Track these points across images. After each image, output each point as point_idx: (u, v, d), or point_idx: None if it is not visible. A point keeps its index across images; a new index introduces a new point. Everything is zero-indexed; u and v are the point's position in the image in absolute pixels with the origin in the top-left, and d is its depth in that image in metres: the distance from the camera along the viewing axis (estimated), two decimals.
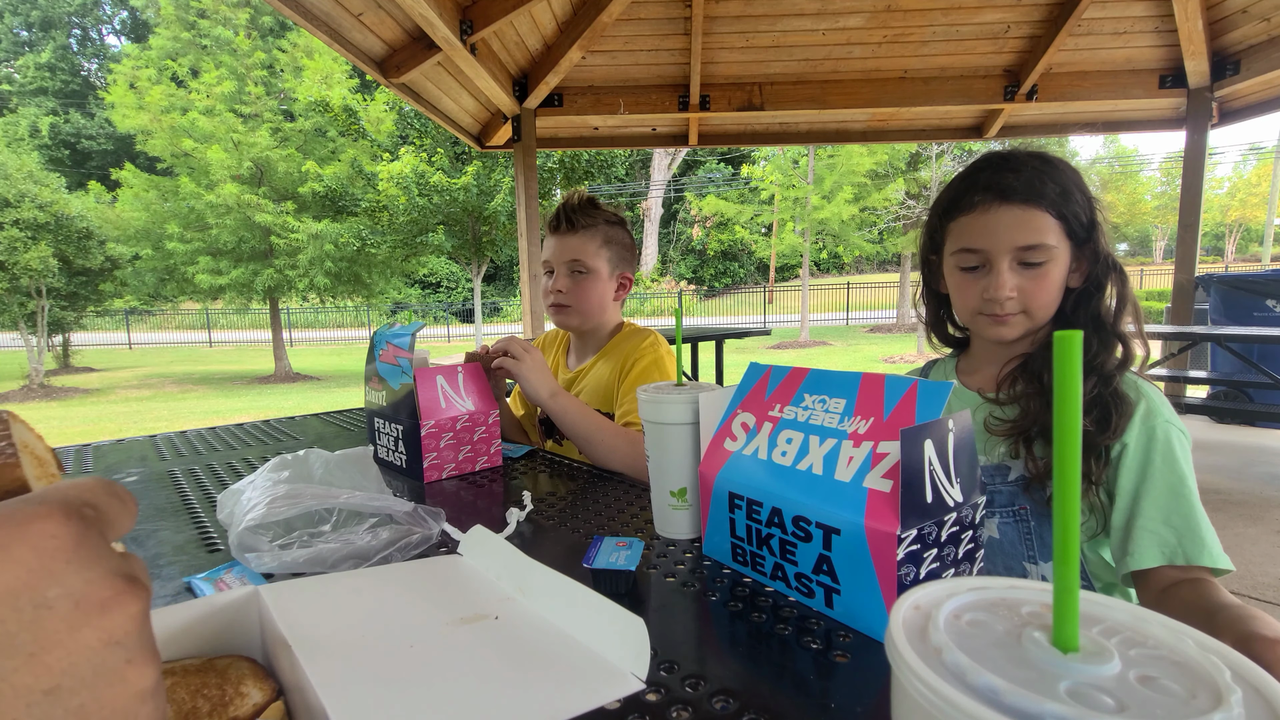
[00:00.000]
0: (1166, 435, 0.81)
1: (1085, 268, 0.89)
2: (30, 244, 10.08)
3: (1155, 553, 0.77)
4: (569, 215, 1.31)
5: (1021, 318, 0.89)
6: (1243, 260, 26.47)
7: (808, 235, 14.71)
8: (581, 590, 0.51)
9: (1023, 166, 0.87)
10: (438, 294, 27.57)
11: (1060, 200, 0.86)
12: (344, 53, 3.11)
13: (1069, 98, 4.24)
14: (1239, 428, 4.57)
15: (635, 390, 1.22)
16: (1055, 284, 0.88)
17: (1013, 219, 0.86)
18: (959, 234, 0.91)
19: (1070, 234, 0.87)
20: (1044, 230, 0.86)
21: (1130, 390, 0.85)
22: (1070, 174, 0.88)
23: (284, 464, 0.77)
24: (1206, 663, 0.24)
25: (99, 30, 35.96)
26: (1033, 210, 0.86)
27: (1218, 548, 0.76)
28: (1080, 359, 0.25)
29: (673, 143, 5.15)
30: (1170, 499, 0.78)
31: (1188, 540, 0.76)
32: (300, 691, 0.42)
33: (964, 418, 0.55)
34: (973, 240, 0.89)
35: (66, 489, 0.24)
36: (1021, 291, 0.88)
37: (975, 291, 0.90)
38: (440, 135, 11.07)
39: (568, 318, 1.35)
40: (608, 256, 1.33)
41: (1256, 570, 2.39)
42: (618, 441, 1.12)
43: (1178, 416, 0.84)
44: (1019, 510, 0.88)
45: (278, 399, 9.15)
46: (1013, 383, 0.91)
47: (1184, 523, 0.77)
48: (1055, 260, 0.86)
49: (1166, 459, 0.80)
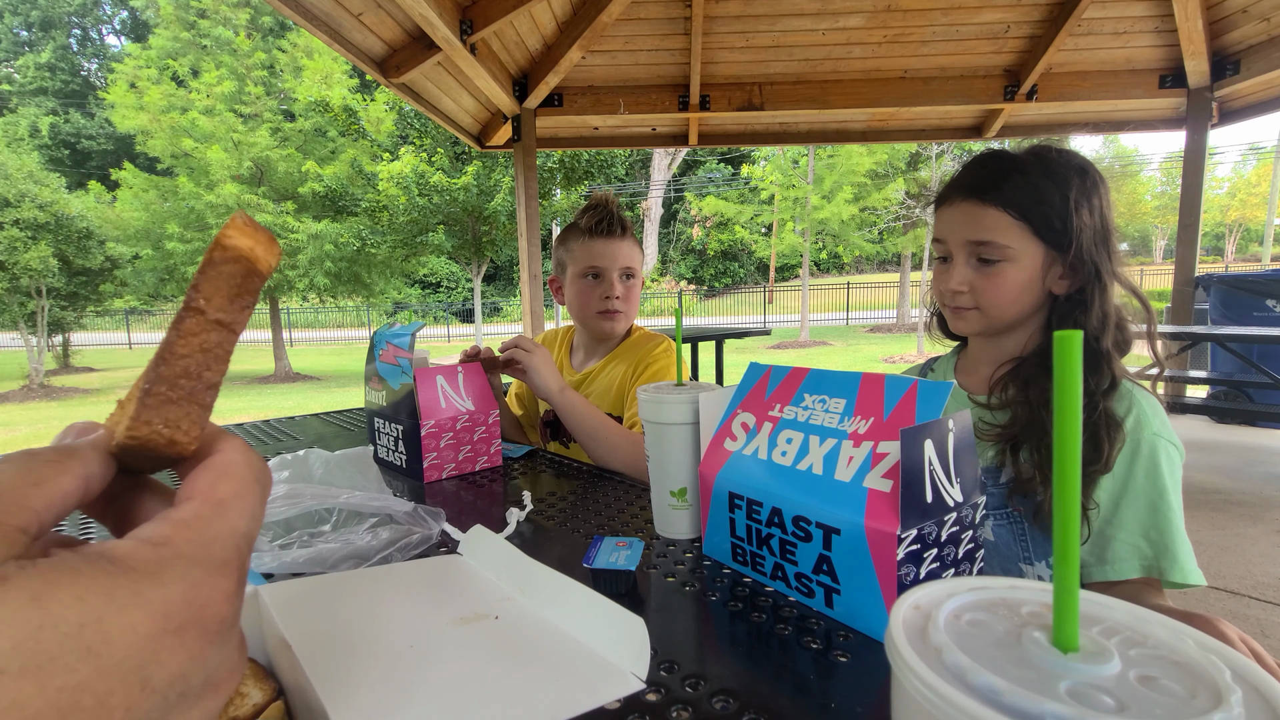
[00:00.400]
0: (1152, 448, 0.80)
1: (1070, 274, 0.86)
2: (30, 244, 10.08)
3: (1135, 564, 0.78)
4: (620, 220, 1.32)
5: (975, 314, 0.90)
6: (1243, 260, 26.47)
7: (808, 235, 14.71)
8: (581, 590, 0.51)
9: (997, 163, 0.86)
10: (438, 294, 27.57)
11: (1025, 201, 0.84)
12: (344, 53, 3.11)
13: (1069, 98, 4.24)
14: (1239, 428, 4.57)
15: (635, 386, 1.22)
16: (1012, 284, 0.86)
17: (967, 214, 0.88)
18: (935, 224, 0.94)
19: (1041, 236, 0.85)
20: (997, 228, 0.85)
21: (1123, 400, 0.83)
22: (1059, 175, 0.84)
23: (284, 464, 0.78)
24: (1206, 663, 0.24)
25: (99, 30, 35.98)
26: (988, 208, 0.85)
27: (1190, 563, 0.77)
28: (1080, 359, 0.25)
29: (673, 143, 5.15)
30: (1149, 513, 0.78)
31: (1164, 556, 0.77)
32: (300, 691, 0.42)
33: (964, 417, 0.55)
34: (938, 231, 0.93)
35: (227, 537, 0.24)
36: (974, 287, 0.88)
37: (939, 282, 0.92)
38: (440, 135, 11.07)
39: (618, 323, 1.35)
40: (642, 260, 1.37)
41: (1256, 570, 2.39)
42: (620, 441, 1.12)
43: (1170, 428, 0.82)
44: (1012, 512, 0.88)
45: (278, 399, 9.16)
46: (1004, 387, 0.90)
47: (1160, 537, 0.77)
48: (1014, 261, 0.85)
49: (1149, 472, 0.79)
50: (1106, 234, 0.86)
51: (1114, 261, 0.86)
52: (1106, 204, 0.87)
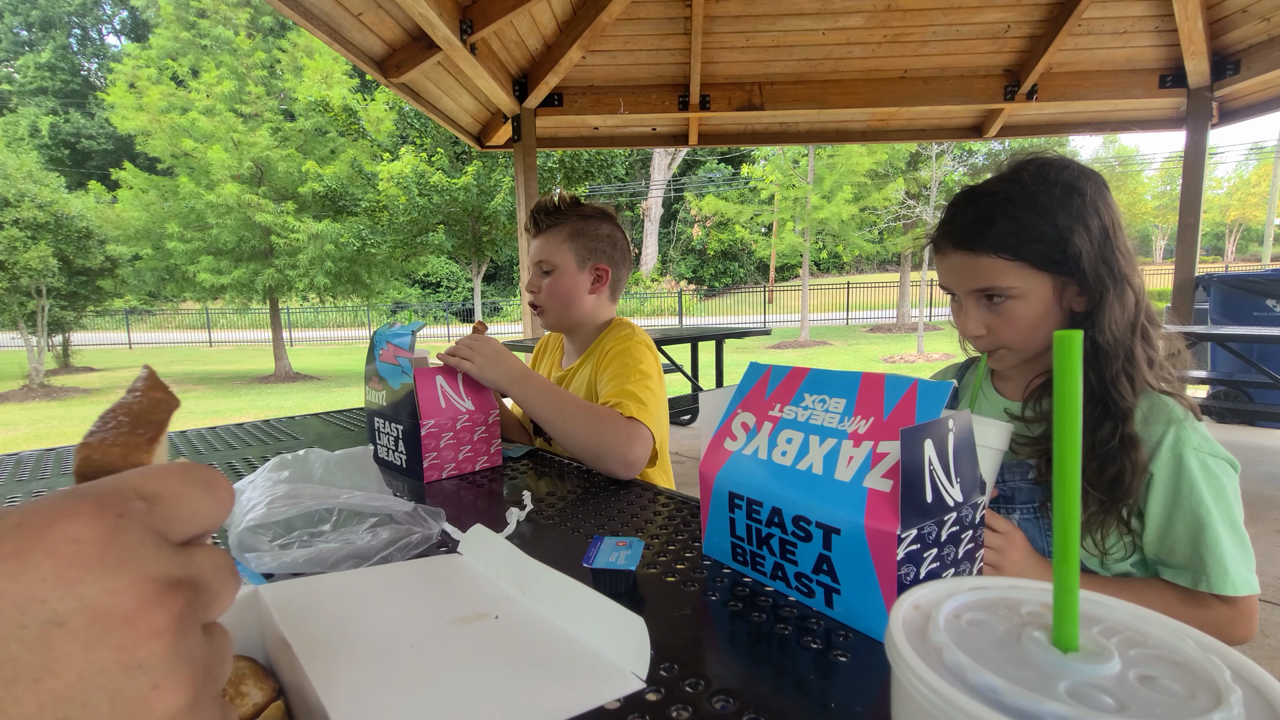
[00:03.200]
0: (1193, 464, 0.78)
1: (1085, 292, 0.84)
2: (30, 244, 10.07)
3: (1187, 577, 0.79)
4: (535, 217, 1.33)
5: (1004, 351, 0.89)
6: (1243, 260, 26.47)
7: (808, 235, 14.71)
8: (581, 590, 0.51)
9: (978, 207, 0.85)
10: (438, 294, 27.58)
11: (1015, 242, 0.82)
12: (344, 53, 3.11)
13: (1069, 97, 4.24)
14: (1239, 428, 4.57)
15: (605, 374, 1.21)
16: (1026, 318, 0.85)
17: (962, 264, 0.87)
18: (937, 271, 0.94)
19: (1042, 268, 0.83)
20: (993, 273, 0.84)
21: (1160, 416, 0.81)
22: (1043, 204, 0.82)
23: (284, 464, 0.78)
24: (1206, 663, 0.24)
25: (99, 30, 35.98)
26: (980, 257, 0.84)
27: (1240, 574, 0.76)
28: (1080, 359, 0.25)
29: (673, 143, 5.15)
30: (1197, 529, 0.78)
31: (1215, 572, 0.77)
32: (300, 691, 0.42)
33: (964, 417, 0.55)
34: (941, 279, 0.93)
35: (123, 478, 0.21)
36: (991, 328, 0.87)
37: (958, 323, 0.92)
38: (440, 135, 11.07)
39: (545, 318, 1.35)
40: (574, 249, 1.30)
41: (1257, 570, 2.39)
42: (579, 420, 1.06)
43: (1212, 442, 0.79)
44: (1039, 506, 0.88)
45: (278, 399, 9.15)
46: (1038, 398, 0.89)
47: (1209, 554, 0.77)
48: (1021, 297, 0.84)
49: (1193, 491, 0.78)
50: (1111, 244, 0.82)
51: (1127, 267, 0.83)
52: (1108, 211, 0.84)
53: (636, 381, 1.14)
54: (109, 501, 0.20)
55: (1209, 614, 0.78)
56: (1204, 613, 0.78)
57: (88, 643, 0.18)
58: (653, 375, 1.19)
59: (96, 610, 0.18)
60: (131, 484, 0.21)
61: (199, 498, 0.22)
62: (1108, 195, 0.85)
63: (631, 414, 1.08)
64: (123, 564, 0.19)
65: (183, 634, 0.20)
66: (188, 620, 0.20)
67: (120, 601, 0.19)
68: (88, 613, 0.18)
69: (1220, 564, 0.76)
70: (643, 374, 1.17)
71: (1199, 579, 0.77)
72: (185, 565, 0.21)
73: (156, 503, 0.21)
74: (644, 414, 1.09)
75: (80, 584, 0.18)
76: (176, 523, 0.22)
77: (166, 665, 0.19)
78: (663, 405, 1.18)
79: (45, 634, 0.18)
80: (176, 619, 0.20)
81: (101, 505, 0.20)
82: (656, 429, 1.10)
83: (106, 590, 0.19)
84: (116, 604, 0.19)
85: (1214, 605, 0.78)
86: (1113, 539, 0.82)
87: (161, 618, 0.19)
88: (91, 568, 0.19)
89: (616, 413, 1.08)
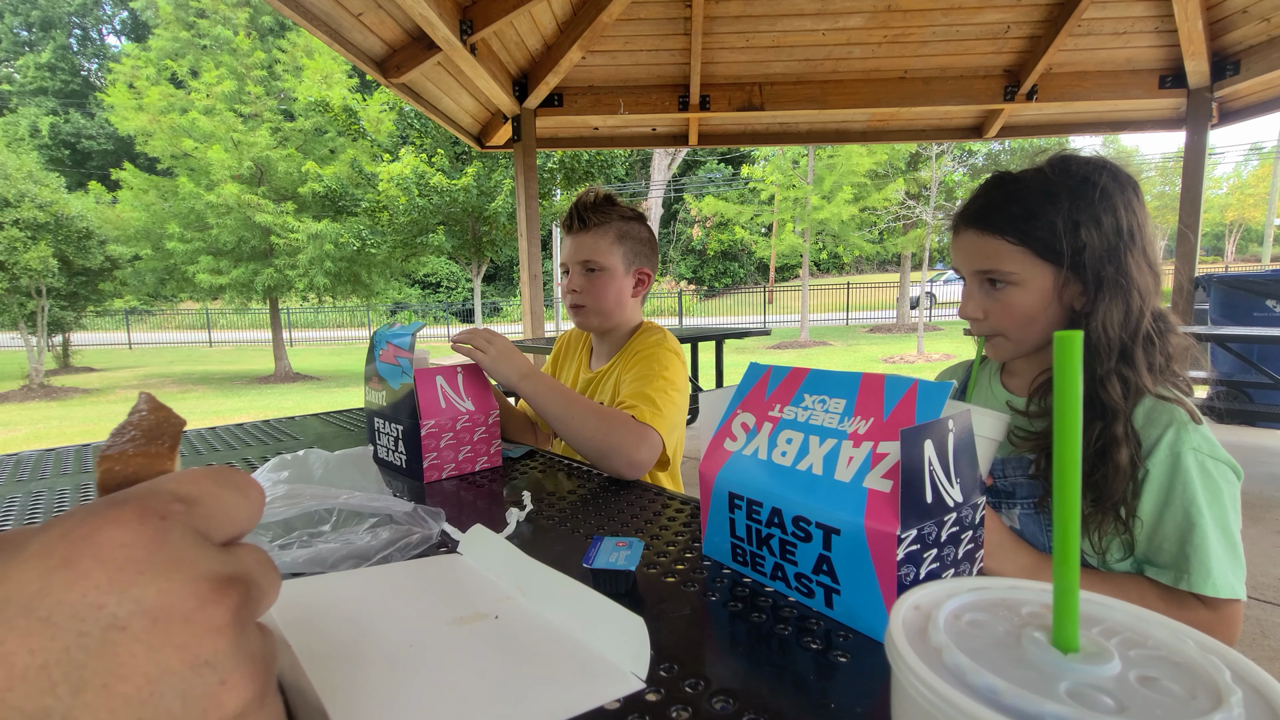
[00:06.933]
0: (1190, 464, 0.78)
1: (1087, 290, 0.84)
2: (30, 244, 10.08)
3: (1169, 575, 0.78)
4: (581, 213, 1.30)
5: (1002, 340, 0.90)
6: (1243, 260, 26.46)
7: (808, 235, 14.71)
8: (581, 590, 0.51)
9: (1000, 190, 0.86)
10: (438, 294, 27.58)
11: (1023, 226, 0.83)
12: (344, 53, 3.11)
13: (1069, 98, 4.24)
14: (1239, 428, 4.57)
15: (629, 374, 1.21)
16: (1021, 307, 0.86)
17: (972, 243, 0.89)
18: (951, 252, 0.95)
19: (1045, 258, 0.83)
20: (997, 256, 0.85)
21: (1161, 418, 0.80)
22: (1056, 195, 0.82)
23: (284, 464, 0.78)
24: (1206, 663, 0.24)
25: (99, 30, 35.98)
26: (988, 237, 0.86)
27: (1223, 577, 0.75)
28: (1080, 360, 0.25)
29: (673, 143, 5.15)
30: (1186, 528, 0.77)
31: (1197, 571, 0.76)
32: (300, 691, 0.42)
33: (964, 418, 0.55)
34: (953, 259, 0.94)
35: (158, 483, 0.22)
36: (988, 312, 0.88)
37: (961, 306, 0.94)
38: (440, 135, 11.06)
39: (586, 318, 1.33)
40: (621, 253, 1.30)
41: (1256, 570, 2.39)
42: (587, 419, 1.05)
43: (1215, 444, 0.79)
44: (1038, 501, 0.88)
45: (277, 399, 9.15)
46: (1042, 395, 0.89)
47: (1194, 554, 0.76)
48: (1020, 285, 0.85)
49: (1186, 489, 0.77)
50: (1126, 246, 0.81)
51: (1138, 271, 0.81)
52: (1130, 214, 0.82)
53: (657, 387, 1.14)
54: (150, 506, 0.20)
55: (1185, 614, 0.76)
56: (1180, 613, 0.77)
57: (151, 644, 0.18)
58: (675, 383, 1.18)
59: (156, 611, 0.19)
60: (168, 488, 0.22)
61: (233, 499, 0.23)
62: (1134, 199, 0.84)
63: (645, 419, 1.07)
64: (173, 565, 0.19)
65: (242, 629, 0.20)
66: (244, 615, 0.21)
67: (177, 601, 0.19)
68: (147, 615, 0.18)
69: (1204, 564, 0.75)
70: (666, 380, 1.16)
71: (1180, 577, 0.76)
72: (232, 563, 0.21)
73: (195, 505, 0.22)
74: (657, 419, 1.08)
75: (135, 587, 0.19)
76: (216, 523, 0.22)
77: (231, 661, 0.19)
78: (681, 413, 1.17)
79: (108, 639, 0.18)
80: (234, 614, 0.20)
81: (144, 510, 0.20)
82: (669, 436, 1.09)
83: (161, 591, 0.19)
84: (174, 604, 0.19)
85: (1192, 606, 0.77)
86: (1111, 539, 0.82)
87: (220, 614, 0.20)
88: (144, 570, 0.19)
89: (627, 414, 1.08)
